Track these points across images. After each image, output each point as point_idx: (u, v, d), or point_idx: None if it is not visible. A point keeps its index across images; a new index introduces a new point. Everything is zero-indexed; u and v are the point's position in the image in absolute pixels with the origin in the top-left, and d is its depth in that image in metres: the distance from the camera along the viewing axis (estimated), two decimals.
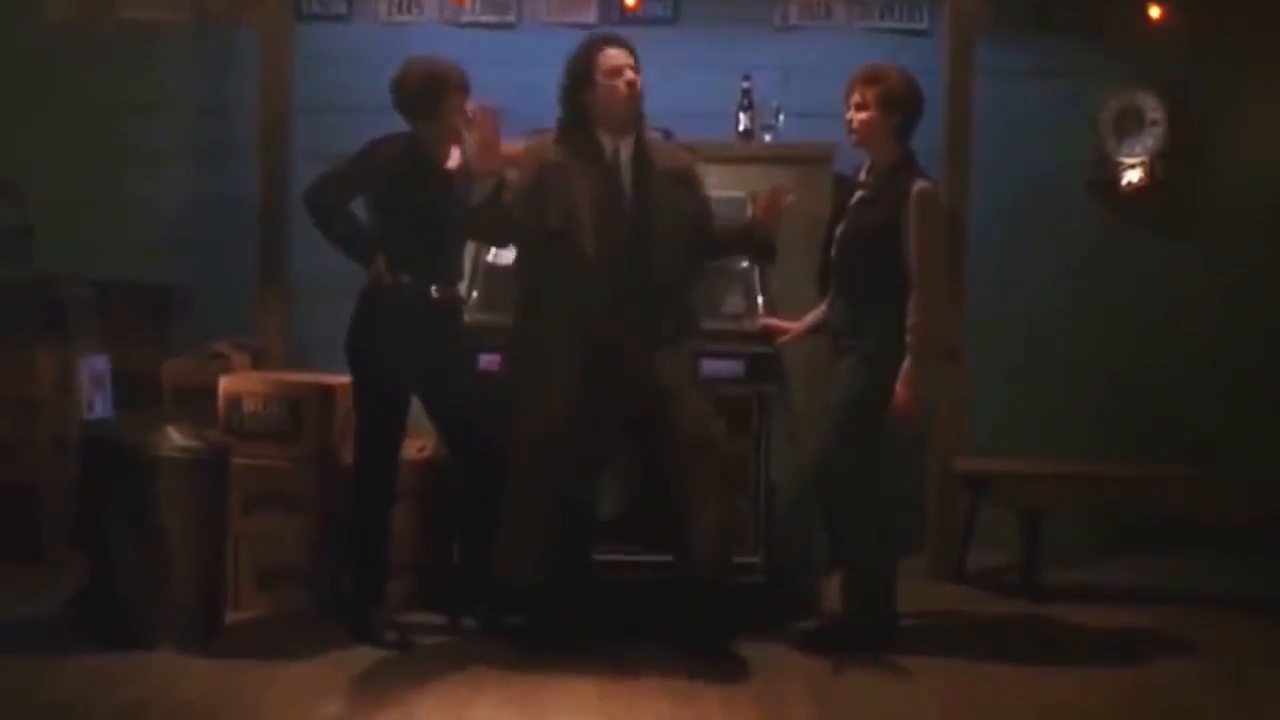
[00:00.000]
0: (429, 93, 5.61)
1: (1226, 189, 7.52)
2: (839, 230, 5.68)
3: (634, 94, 5.46)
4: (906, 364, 5.48)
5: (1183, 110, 7.45)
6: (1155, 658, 5.77)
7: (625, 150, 5.52)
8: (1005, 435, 7.09)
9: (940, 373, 6.56)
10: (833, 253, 5.69)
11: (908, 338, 5.48)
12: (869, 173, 5.72)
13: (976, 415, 7.00)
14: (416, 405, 5.78)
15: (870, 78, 5.67)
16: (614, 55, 5.49)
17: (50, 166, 7.41)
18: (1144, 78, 7.45)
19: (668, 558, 5.67)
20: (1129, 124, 7.46)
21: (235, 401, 6.01)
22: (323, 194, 5.57)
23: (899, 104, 5.64)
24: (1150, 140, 7.44)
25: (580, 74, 5.52)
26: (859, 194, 5.69)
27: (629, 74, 5.47)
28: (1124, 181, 7.47)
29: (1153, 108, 7.43)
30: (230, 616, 5.75)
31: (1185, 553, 7.20)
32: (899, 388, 5.47)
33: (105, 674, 5.16)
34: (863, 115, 5.63)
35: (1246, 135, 7.51)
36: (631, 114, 5.49)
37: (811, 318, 5.85)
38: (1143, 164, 7.44)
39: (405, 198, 5.56)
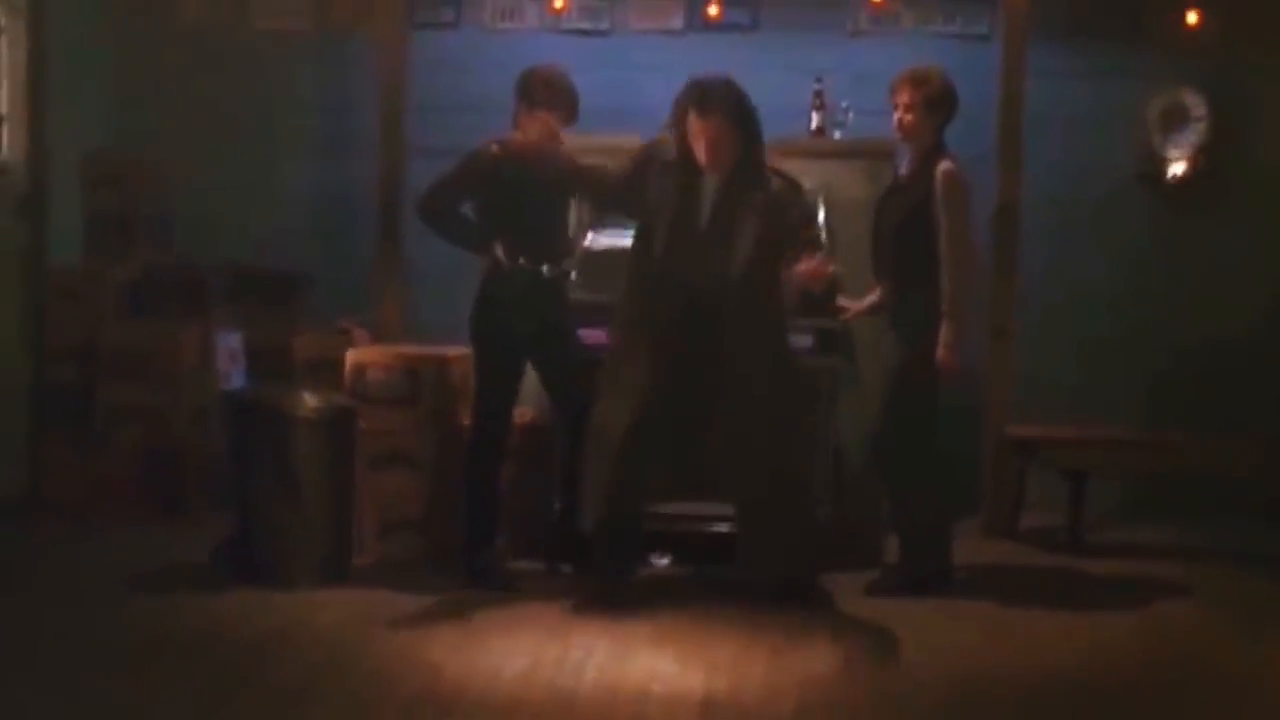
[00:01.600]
0: (550, 89, 6.21)
1: (1267, 179, 7.91)
2: (882, 216, 6.24)
3: (711, 159, 5.82)
4: (945, 330, 6.04)
5: (1224, 106, 7.86)
6: (1180, 609, 6.24)
7: (715, 178, 5.88)
8: (1056, 405, 7.56)
9: (992, 347, 7.18)
10: (877, 237, 6.25)
11: (943, 306, 6.03)
12: (909, 162, 6.26)
13: (1029, 387, 7.47)
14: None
15: (916, 80, 6.20)
16: (695, 124, 5.81)
17: (189, 160, 7.92)
18: (1187, 76, 7.87)
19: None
20: (1174, 120, 7.90)
21: (360, 371, 6.62)
22: (433, 203, 6.21)
23: (941, 104, 6.18)
24: (1194, 135, 7.87)
25: (678, 119, 5.88)
26: (899, 182, 6.26)
27: (706, 144, 5.81)
28: (1170, 174, 7.92)
29: (1196, 104, 7.86)
30: (356, 562, 6.38)
31: (1221, 516, 7.62)
32: (940, 352, 6.03)
33: (249, 607, 5.79)
34: (910, 116, 6.17)
35: None
36: (712, 168, 5.85)
37: (870, 299, 6.36)
38: (1187, 157, 7.90)
39: (511, 192, 6.17)
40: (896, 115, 6.23)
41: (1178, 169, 7.92)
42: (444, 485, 6.47)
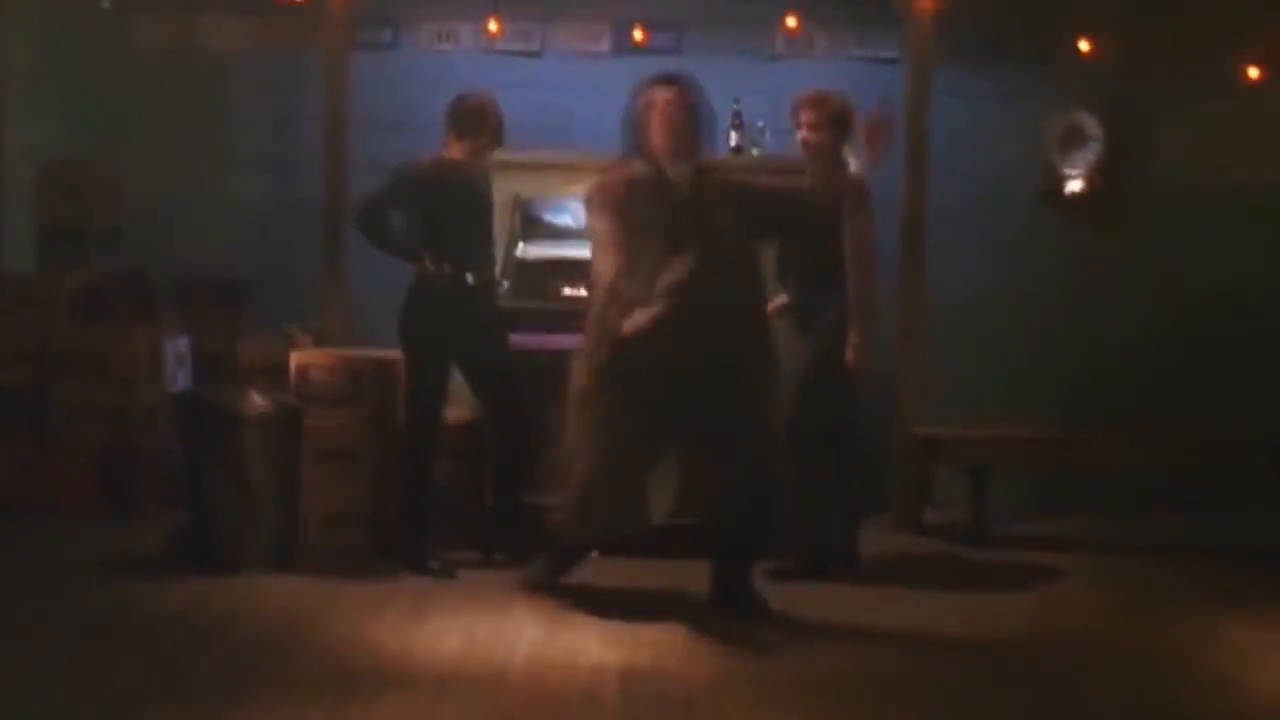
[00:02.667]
0: (478, 119, 6.60)
1: (1156, 196, 8.35)
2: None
3: (670, 137, 5.79)
4: (852, 333, 6.45)
5: (1118, 128, 8.30)
6: (1075, 592, 6.69)
7: (684, 172, 5.86)
8: (963, 406, 7.96)
9: (902, 350, 7.60)
10: (784, 246, 6.64)
11: (850, 310, 6.44)
12: (811, 176, 6.64)
13: (939, 389, 7.85)
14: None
15: (815, 102, 6.62)
16: (657, 97, 5.84)
17: (141, 172, 8.17)
18: (1084, 100, 8.29)
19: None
20: (1072, 140, 8.34)
21: (305, 373, 6.95)
22: (366, 214, 6.59)
23: (841, 122, 6.61)
24: (1090, 154, 8.31)
25: (637, 110, 5.90)
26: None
27: (666, 120, 5.80)
28: (1068, 190, 8.37)
29: (1092, 126, 8.30)
30: (302, 551, 6.70)
31: (1116, 508, 8.07)
32: (849, 354, 6.45)
33: (202, 593, 6.13)
34: (812, 134, 6.58)
35: (1173, 150, 8.33)
36: (671, 152, 5.82)
37: (777, 303, 6.70)
38: (1084, 175, 8.33)
39: (439, 205, 6.53)
40: (800, 134, 6.63)
41: (1075, 185, 8.37)
42: (384, 479, 6.81)
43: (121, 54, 8.39)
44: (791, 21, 8.09)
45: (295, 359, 7.05)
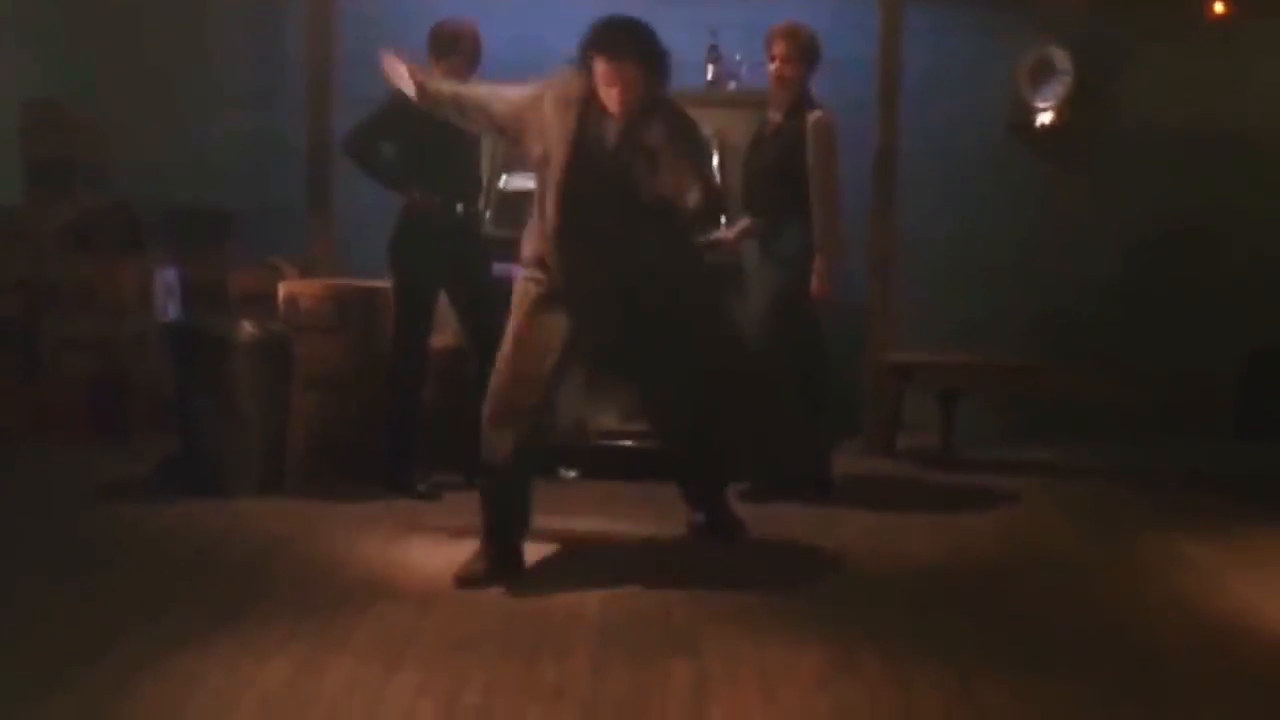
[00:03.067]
0: (452, 40, 6.73)
1: (1126, 130, 8.55)
2: (755, 157, 6.80)
3: (622, 105, 5.49)
4: (818, 261, 6.61)
5: (1087, 62, 8.47)
6: (1039, 513, 6.88)
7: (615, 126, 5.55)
8: (934, 335, 8.15)
9: (873, 279, 7.77)
10: (751, 177, 6.81)
11: (816, 241, 6.62)
12: (778, 109, 6.78)
13: (907, 316, 8.07)
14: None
15: (788, 34, 6.76)
16: (604, 69, 5.47)
17: (127, 108, 8.34)
18: (1054, 34, 8.46)
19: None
20: (1042, 74, 8.51)
21: (293, 302, 7.08)
22: (355, 141, 6.71)
23: (810, 56, 6.76)
24: (1060, 88, 8.48)
25: (584, 63, 5.54)
26: (771, 127, 6.80)
27: (617, 91, 5.47)
28: (1038, 123, 8.54)
29: (1062, 60, 8.47)
30: (291, 476, 6.87)
31: (1080, 435, 8.30)
32: (814, 283, 6.62)
33: (194, 515, 6.30)
34: (785, 66, 6.72)
35: (1142, 84, 8.53)
36: (621, 114, 5.51)
37: (740, 226, 6.88)
38: (1054, 108, 8.51)
39: (427, 135, 6.63)
40: (773, 66, 6.77)
41: (1045, 119, 8.53)
42: (371, 405, 6.96)
43: None
44: None
45: (283, 289, 7.18)
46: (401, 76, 5.82)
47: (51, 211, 8.07)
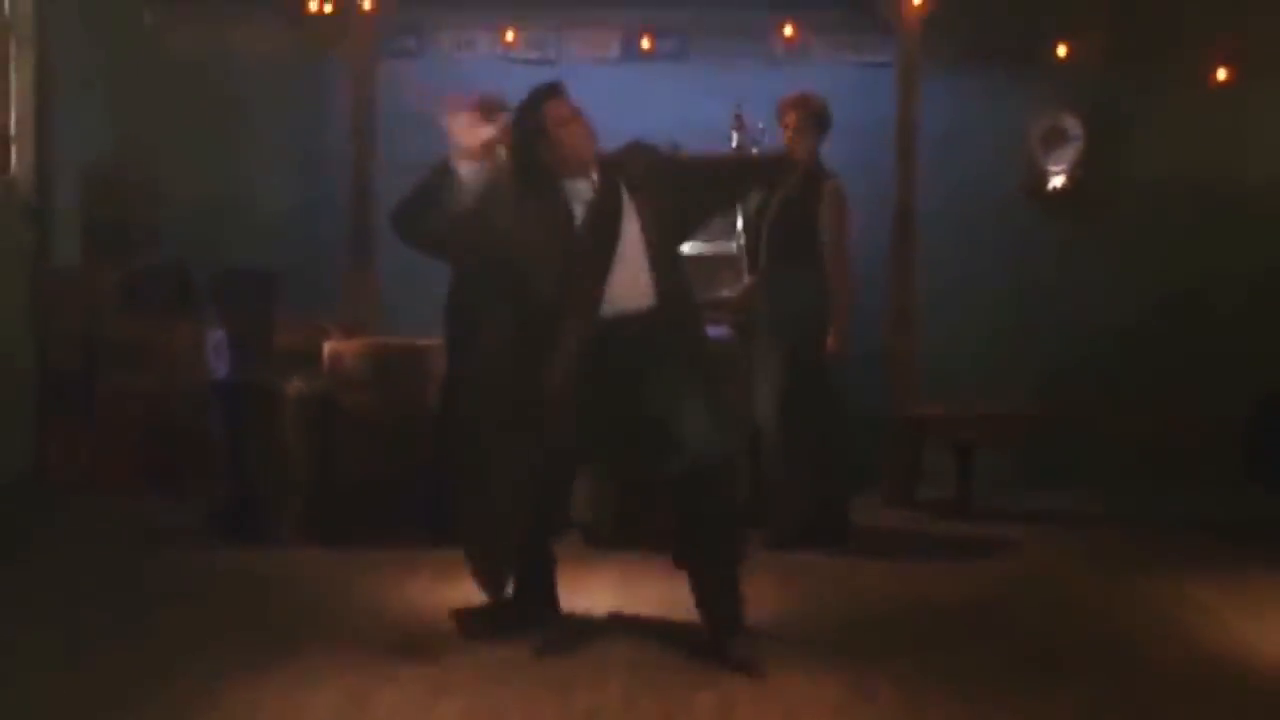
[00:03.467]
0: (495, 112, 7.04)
1: (1133, 193, 8.89)
2: (768, 220, 7.08)
3: (587, 148, 5.34)
4: (837, 322, 6.93)
5: (1097, 128, 8.82)
6: (1049, 559, 7.15)
7: (586, 187, 5.37)
8: (949, 386, 8.43)
9: (894, 334, 8.08)
10: (764, 237, 7.08)
11: (832, 299, 6.93)
12: (792, 176, 6.97)
13: (926, 370, 8.37)
14: None
15: (799, 104, 7.09)
16: (562, 111, 5.35)
17: (178, 173, 8.73)
18: (1066, 101, 8.83)
19: None
20: (1054, 139, 8.87)
21: (337, 359, 7.42)
22: (403, 220, 6.95)
23: (822, 123, 7.09)
24: (1071, 153, 8.84)
25: (528, 118, 5.38)
26: (785, 192, 7.05)
27: (580, 131, 5.34)
28: (1050, 186, 8.89)
29: (1073, 126, 8.83)
30: (337, 525, 7.14)
31: (1095, 482, 8.56)
32: (830, 340, 6.93)
33: (244, 560, 6.65)
34: (797, 135, 7.03)
35: (1150, 149, 8.86)
36: (582, 164, 5.34)
37: (744, 286, 7.19)
38: (1065, 172, 8.85)
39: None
40: (786, 135, 7.09)
41: (1057, 182, 8.88)
42: (412, 457, 7.26)
43: (159, 63, 8.87)
44: (789, 30, 8.59)
45: (328, 347, 7.52)
46: (467, 130, 5.45)
47: (107, 271, 8.45)
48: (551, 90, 5.41)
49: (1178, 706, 4.99)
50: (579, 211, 5.32)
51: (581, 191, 5.35)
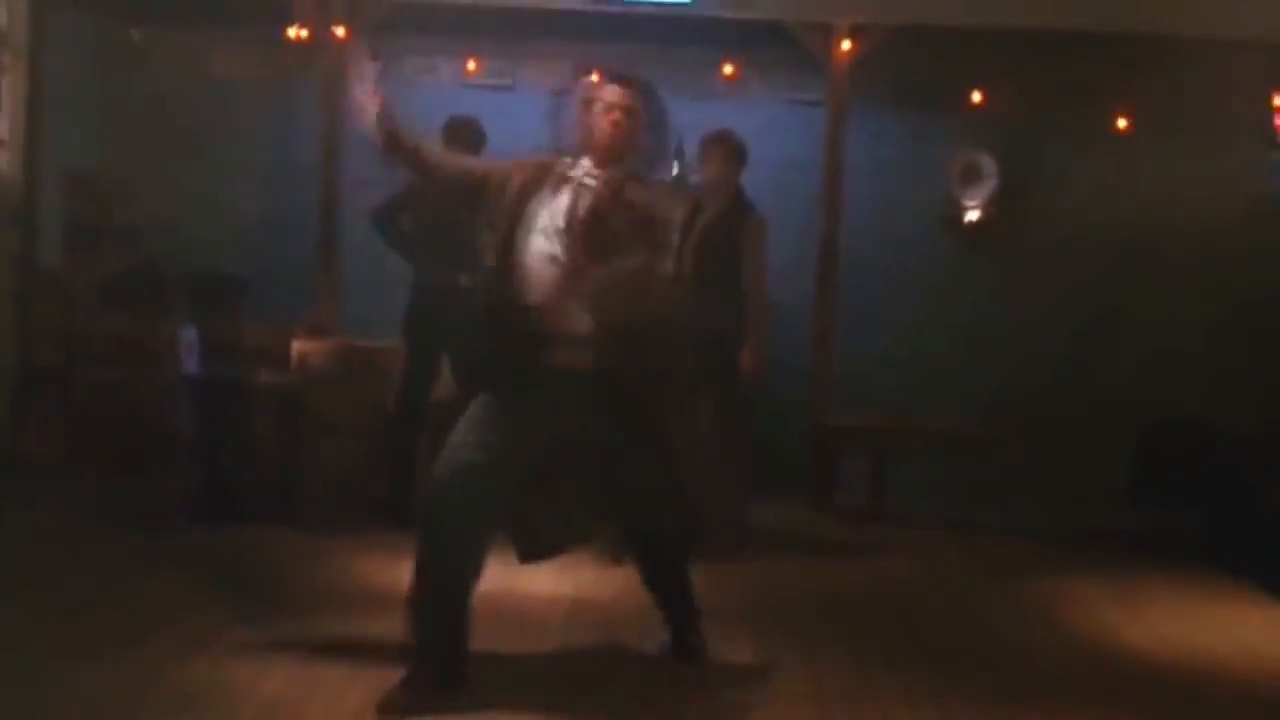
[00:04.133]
0: (460, 129, 7.72)
1: (1042, 226, 9.56)
2: (690, 246, 7.45)
3: (612, 137, 5.23)
4: (750, 343, 7.39)
5: (1010, 166, 9.50)
6: (947, 562, 7.81)
7: (592, 180, 5.22)
8: (867, 402, 9.10)
9: (815, 352, 8.72)
10: (686, 263, 7.42)
11: (748, 324, 7.40)
12: (713, 206, 7.53)
13: (846, 386, 9.01)
14: None
15: (719, 140, 7.60)
16: (604, 93, 5.28)
17: (155, 179, 9.25)
18: (983, 142, 9.51)
19: None
20: (970, 177, 9.56)
21: (304, 357, 8.03)
22: (381, 217, 7.69)
23: (741, 158, 7.64)
24: (986, 189, 9.53)
25: (580, 100, 5.37)
26: (706, 224, 7.52)
27: (611, 119, 5.23)
28: (966, 219, 9.59)
29: (988, 164, 9.51)
30: (302, 508, 7.74)
31: (1001, 496, 9.11)
32: (746, 360, 7.38)
33: (213, 540, 7.20)
34: (720, 167, 7.53)
35: (1057, 189, 9.54)
36: (605, 153, 5.24)
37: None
38: (980, 206, 9.54)
39: (439, 212, 7.48)
40: (708, 169, 7.57)
41: (972, 215, 9.57)
42: (372, 448, 7.87)
43: (143, 79, 9.48)
44: (729, 68, 9.27)
45: (296, 345, 8.11)
46: (368, 116, 5.29)
47: (87, 271, 9.00)
48: (621, 76, 5.37)
49: (1047, 680, 5.67)
50: (565, 199, 5.17)
51: (585, 180, 5.21)
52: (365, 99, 5.29)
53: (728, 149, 7.63)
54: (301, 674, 5.28)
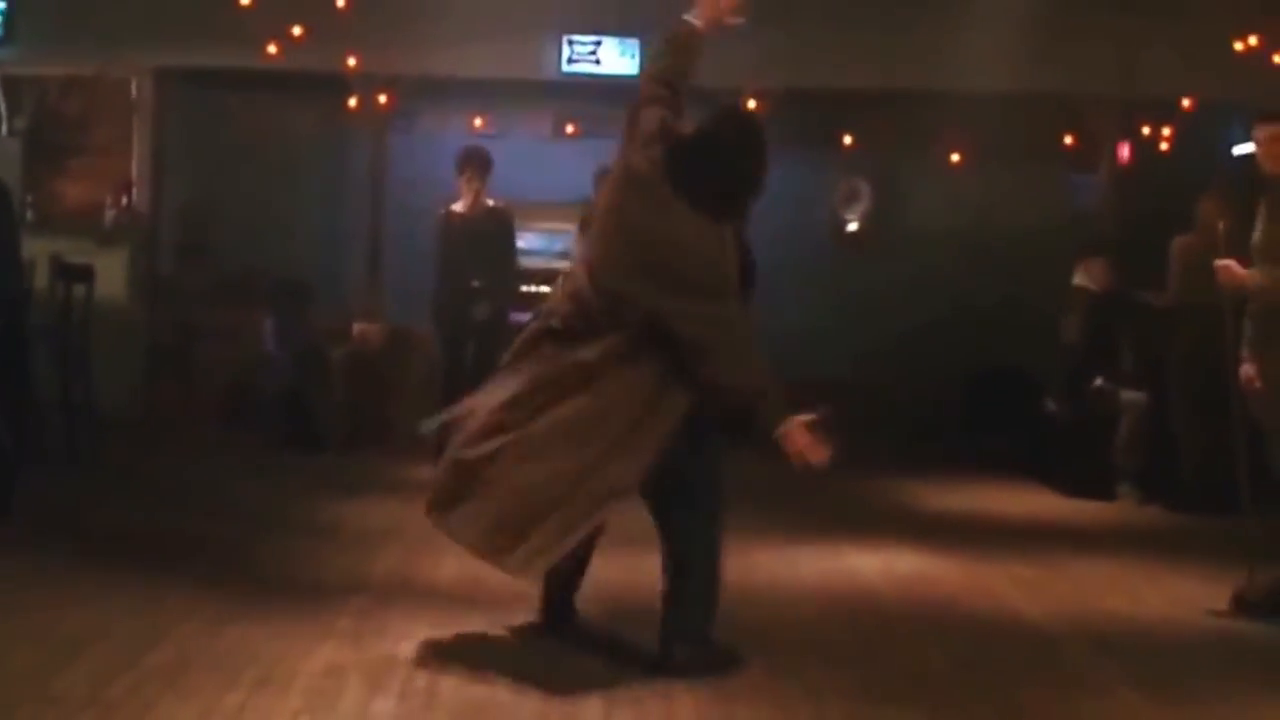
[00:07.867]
0: (470, 157, 10.02)
1: (908, 236, 12.32)
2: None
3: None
4: None
5: (882, 189, 12.31)
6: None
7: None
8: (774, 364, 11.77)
9: None
10: None
11: None
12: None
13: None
14: None
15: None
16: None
17: (246, 210, 12.06)
18: (860, 171, 12.31)
19: None
20: (850, 197, 12.36)
21: (363, 335, 10.86)
22: None
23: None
24: (862, 207, 12.34)
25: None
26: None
27: None
28: (847, 230, 12.39)
29: (864, 187, 12.32)
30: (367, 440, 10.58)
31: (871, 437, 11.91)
32: None
33: (305, 464, 10.01)
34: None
35: (916, 204, 12.34)
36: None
37: None
38: (858, 221, 12.37)
39: (455, 243, 10.05)
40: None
41: (852, 227, 12.39)
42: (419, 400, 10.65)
43: (235, 132, 12.24)
44: None
45: (356, 328, 10.96)
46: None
47: (193, 279, 11.83)
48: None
49: (864, 519, 8.53)
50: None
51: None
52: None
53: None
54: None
